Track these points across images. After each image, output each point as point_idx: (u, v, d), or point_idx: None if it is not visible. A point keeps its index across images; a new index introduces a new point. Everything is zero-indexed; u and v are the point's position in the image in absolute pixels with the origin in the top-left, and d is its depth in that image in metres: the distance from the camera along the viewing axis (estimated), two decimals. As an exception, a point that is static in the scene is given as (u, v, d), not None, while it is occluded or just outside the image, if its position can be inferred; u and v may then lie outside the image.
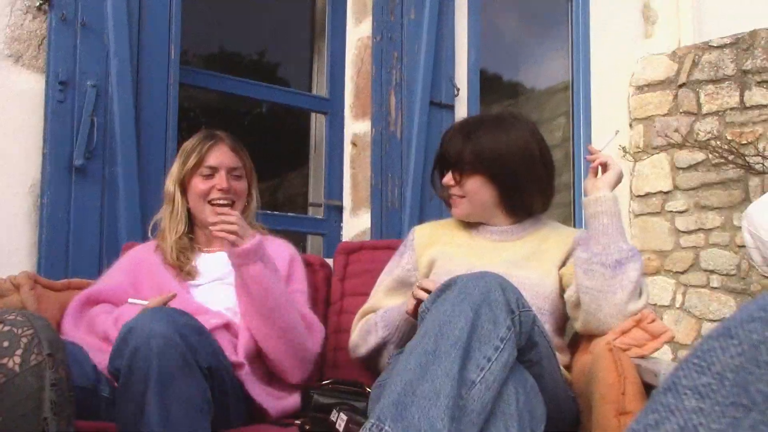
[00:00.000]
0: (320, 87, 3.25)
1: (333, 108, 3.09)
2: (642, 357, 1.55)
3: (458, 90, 3.20)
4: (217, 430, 1.47)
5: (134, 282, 1.89)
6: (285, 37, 3.90)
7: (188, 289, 1.88)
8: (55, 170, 2.16)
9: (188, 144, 2.01)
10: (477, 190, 1.83)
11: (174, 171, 2.00)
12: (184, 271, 1.90)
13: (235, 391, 1.61)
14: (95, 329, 1.76)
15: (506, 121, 1.85)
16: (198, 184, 1.95)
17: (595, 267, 1.61)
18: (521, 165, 1.80)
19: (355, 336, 1.88)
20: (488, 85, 3.90)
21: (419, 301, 1.56)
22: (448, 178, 1.85)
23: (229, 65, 4.17)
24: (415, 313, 1.63)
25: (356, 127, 3.04)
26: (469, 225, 1.93)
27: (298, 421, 1.59)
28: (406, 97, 3.01)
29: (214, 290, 1.88)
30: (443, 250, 1.87)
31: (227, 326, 1.77)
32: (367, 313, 1.89)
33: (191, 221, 2.00)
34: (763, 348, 0.74)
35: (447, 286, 1.35)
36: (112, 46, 2.27)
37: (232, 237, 1.70)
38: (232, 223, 1.71)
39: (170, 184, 1.99)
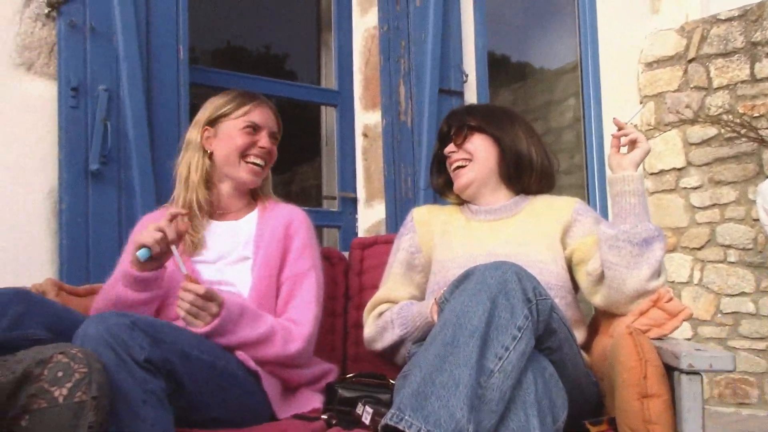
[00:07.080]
0: (329, 80, 3.25)
1: (342, 100, 3.09)
2: (662, 337, 1.55)
3: (467, 76, 3.20)
4: (184, 424, 1.41)
5: None
6: (291, 31, 3.91)
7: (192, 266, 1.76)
8: (71, 176, 2.18)
9: (223, 97, 1.86)
10: (482, 149, 1.86)
11: (201, 118, 1.84)
12: (188, 243, 1.77)
13: (210, 383, 1.47)
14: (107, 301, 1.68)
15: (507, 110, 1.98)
16: (237, 136, 1.81)
17: (622, 244, 1.60)
18: (522, 132, 1.88)
19: (370, 331, 1.88)
20: (496, 68, 3.89)
21: None
22: (450, 147, 1.89)
23: (236, 60, 4.19)
24: None
25: (367, 118, 3.04)
26: (466, 208, 1.94)
27: (324, 416, 1.61)
28: (416, 85, 3.02)
29: (222, 270, 1.78)
30: (443, 231, 1.89)
31: None
32: (379, 303, 1.90)
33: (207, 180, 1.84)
34: None
35: (464, 277, 1.37)
36: (122, 50, 2.28)
37: (189, 318, 1.53)
38: (188, 303, 1.53)
39: (194, 131, 1.84)
